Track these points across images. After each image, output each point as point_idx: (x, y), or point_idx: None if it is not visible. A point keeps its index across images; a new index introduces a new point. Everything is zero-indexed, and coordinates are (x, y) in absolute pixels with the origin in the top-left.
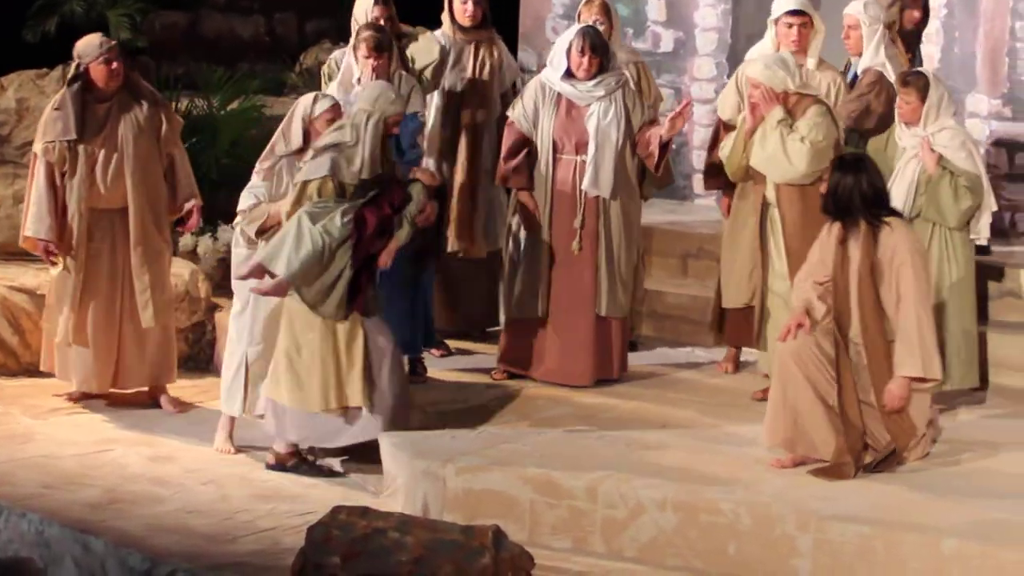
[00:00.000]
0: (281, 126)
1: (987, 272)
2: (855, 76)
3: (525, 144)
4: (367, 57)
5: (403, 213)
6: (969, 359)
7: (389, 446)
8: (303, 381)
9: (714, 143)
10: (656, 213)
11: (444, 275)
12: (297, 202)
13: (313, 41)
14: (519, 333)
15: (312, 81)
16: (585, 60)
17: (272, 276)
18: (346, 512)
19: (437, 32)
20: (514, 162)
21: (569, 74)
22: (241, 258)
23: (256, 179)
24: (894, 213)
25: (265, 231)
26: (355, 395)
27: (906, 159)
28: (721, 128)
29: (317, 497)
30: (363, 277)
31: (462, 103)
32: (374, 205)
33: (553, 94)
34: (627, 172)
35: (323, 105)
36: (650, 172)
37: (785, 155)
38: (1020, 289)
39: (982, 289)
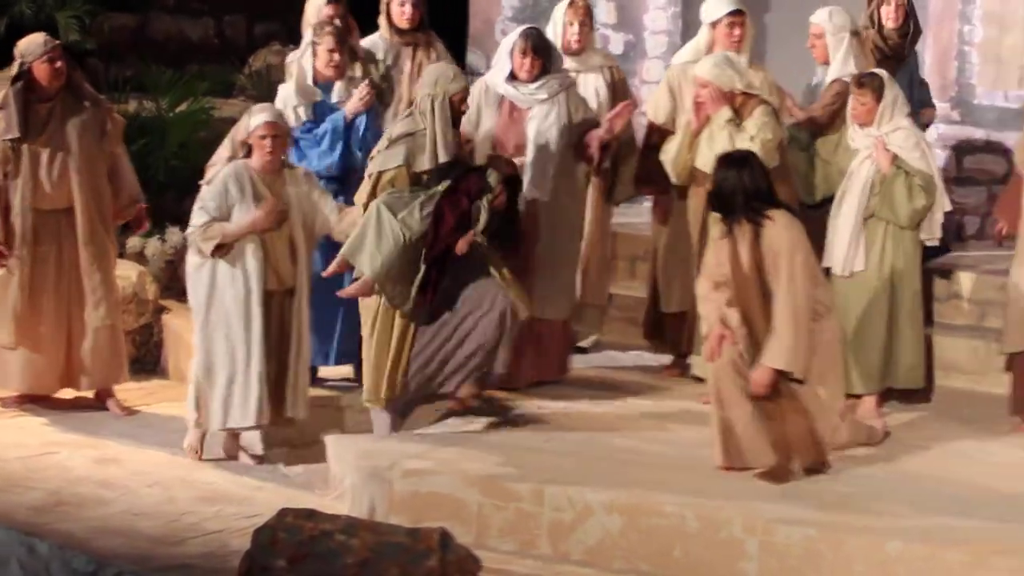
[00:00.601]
0: (231, 131)
1: (933, 275)
2: (818, 84)
3: (467, 145)
4: (332, 51)
5: (480, 203)
6: (916, 360)
7: (335, 448)
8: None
9: (644, 147)
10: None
11: None
12: (372, 194)
13: (262, 43)
14: None
15: (261, 83)
16: (527, 62)
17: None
18: (292, 515)
19: (374, 35)
20: None
21: (513, 76)
22: (195, 265)
23: (205, 191)
24: (780, 207)
25: (222, 247)
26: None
27: (860, 160)
28: (653, 131)
29: (263, 499)
30: (435, 271)
31: (397, 104)
32: (452, 197)
33: (496, 96)
34: (570, 175)
35: (257, 120)
36: (622, 176)
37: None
38: (965, 292)
39: (928, 291)
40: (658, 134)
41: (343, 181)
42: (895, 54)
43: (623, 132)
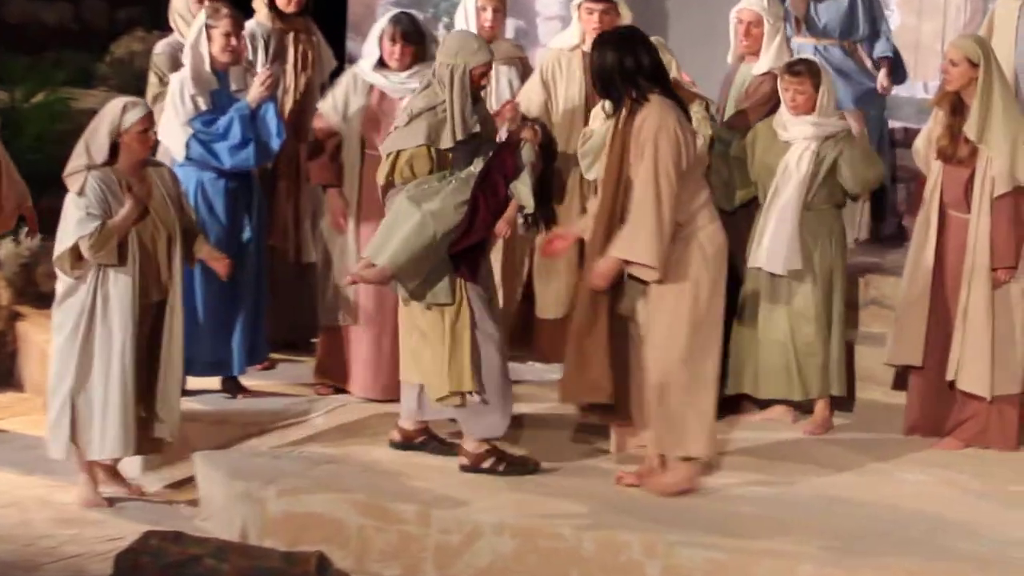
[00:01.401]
0: (84, 135)
1: (850, 279)
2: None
3: (333, 137)
4: (228, 35)
5: (517, 183)
6: (841, 366)
7: (204, 466)
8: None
9: None
10: None
11: (268, 280)
12: (391, 173)
13: (124, 29)
14: (332, 343)
15: (123, 71)
16: (397, 49)
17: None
18: (158, 537)
19: (251, 21)
20: (320, 157)
21: (383, 64)
22: (68, 287)
23: (80, 200)
24: (666, 91)
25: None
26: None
27: (798, 153)
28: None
29: (126, 521)
30: (465, 266)
31: (283, 96)
32: (488, 182)
33: (365, 85)
34: None
35: (134, 116)
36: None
37: None
38: (884, 297)
39: (848, 297)
40: (529, 130)
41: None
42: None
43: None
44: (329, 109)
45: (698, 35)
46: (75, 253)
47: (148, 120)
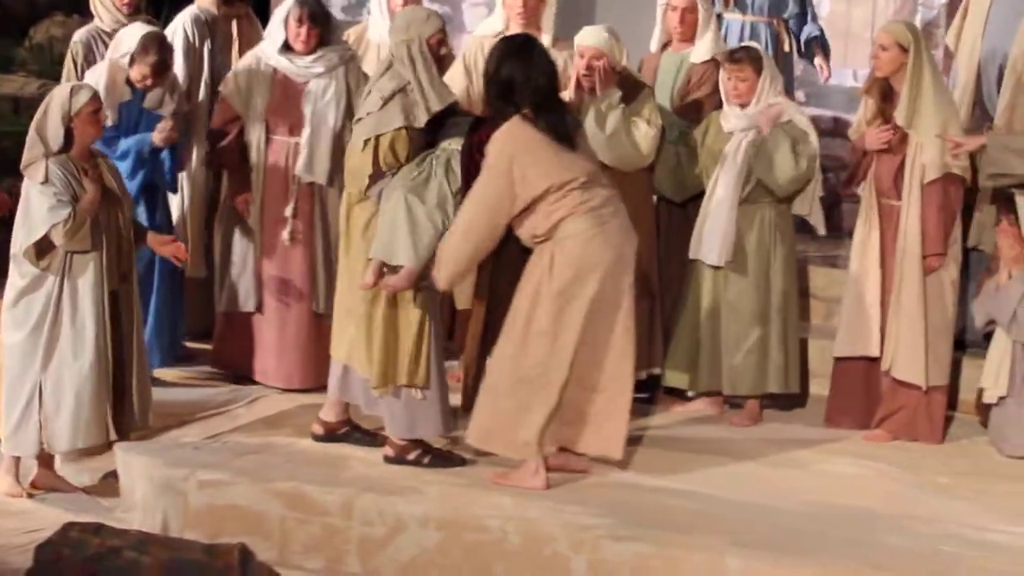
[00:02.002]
0: (34, 124)
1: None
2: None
3: (236, 122)
4: (146, 76)
5: None
6: (794, 362)
7: (124, 457)
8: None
9: None
10: None
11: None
12: (376, 160)
13: (44, 13)
14: (232, 329)
15: (43, 57)
16: (303, 31)
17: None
18: (78, 529)
19: (193, 7)
20: (224, 142)
21: (288, 48)
22: (17, 290)
23: (45, 188)
24: (540, 110)
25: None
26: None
27: (736, 143)
28: None
29: (45, 512)
30: None
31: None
32: (474, 165)
33: (269, 69)
34: None
35: (83, 97)
36: None
37: (629, 139)
38: (812, 288)
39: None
40: None
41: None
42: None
43: None
44: (232, 93)
45: (624, 22)
46: (41, 244)
47: (97, 100)
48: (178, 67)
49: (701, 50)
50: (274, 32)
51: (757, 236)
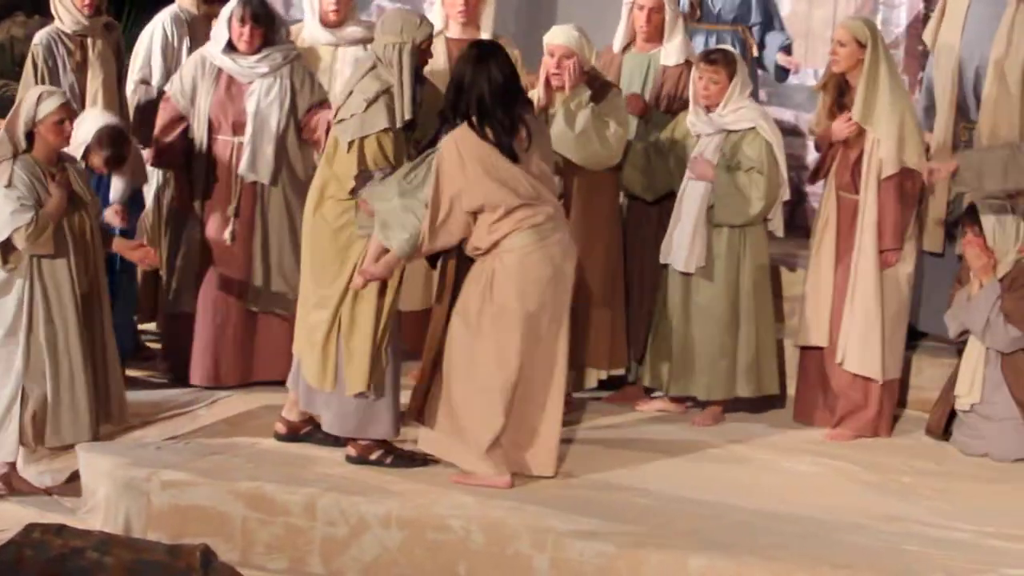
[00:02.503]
0: (5, 124)
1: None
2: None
3: (180, 122)
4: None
5: None
6: (769, 365)
7: (87, 457)
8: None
9: None
10: None
11: (153, 273)
12: (361, 162)
13: (5, 14)
14: (176, 329)
15: (4, 56)
16: (246, 31)
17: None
18: (40, 530)
19: (173, 6)
20: (167, 141)
21: (233, 48)
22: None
23: (8, 191)
24: (487, 116)
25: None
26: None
27: (703, 147)
28: None
29: (8, 514)
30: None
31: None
32: None
33: (214, 69)
34: (292, 158)
35: (49, 106)
36: None
37: (598, 138)
38: (779, 290)
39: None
40: None
41: None
42: None
43: None
44: (176, 93)
45: (586, 21)
46: (6, 246)
47: (64, 110)
48: (156, 65)
49: (672, 53)
50: (219, 32)
51: (727, 240)
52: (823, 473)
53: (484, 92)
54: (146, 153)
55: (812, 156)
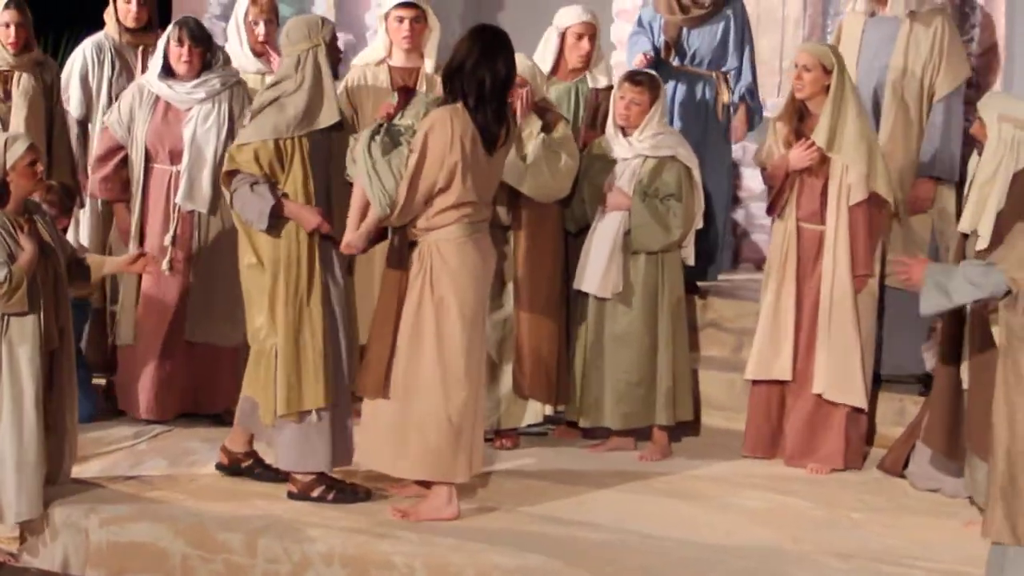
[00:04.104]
0: None
1: (688, 301)
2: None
3: (118, 151)
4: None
5: None
6: (684, 392)
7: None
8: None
9: None
10: None
11: (99, 323)
12: (228, 173)
13: None
14: (124, 364)
15: None
16: (184, 51)
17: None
18: None
19: (99, 34)
20: (104, 171)
21: (169, 74)
22: None
23: None
24: (483, 107)
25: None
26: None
27: (619, 173)
28: None
29: None
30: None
31: None
32: None
33: (151, 96)
34: None
35: (19, 149)
36: None
37: (549, 170)
38: (722, 320)
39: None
40: None
41: None
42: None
43: None
44: (114, 122)
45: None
46: None
47: (33, 151)
48: (74, 93)
49: (602, 75)
50: (155, 59)
51: (644, 267)
52: (773, 508)
53: (486, 79)
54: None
55: (759, 187)
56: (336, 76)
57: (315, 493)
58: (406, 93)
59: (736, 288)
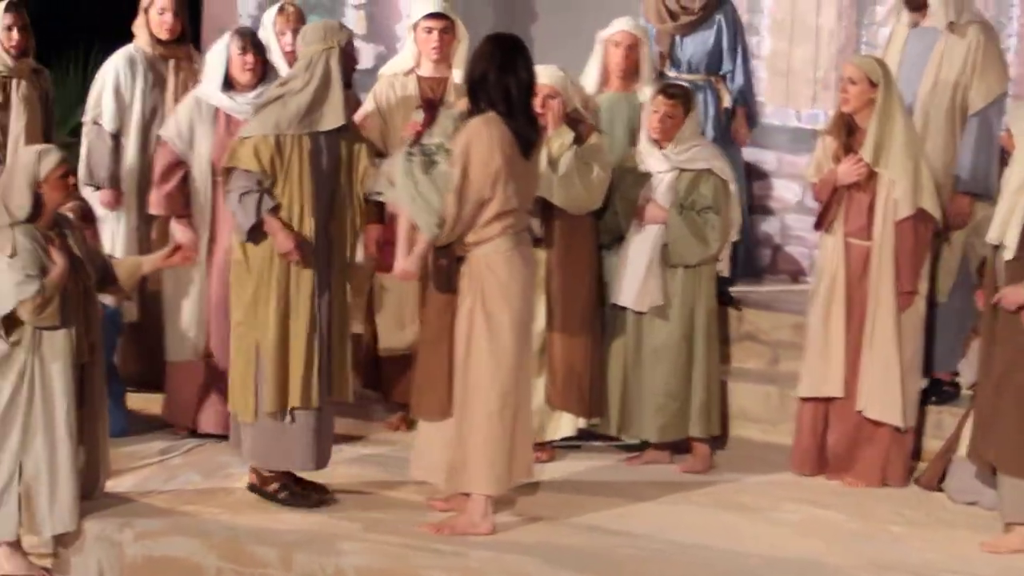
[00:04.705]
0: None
1: (724, 313)
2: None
3: (180, 167)
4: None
5: None
6: (716, 406)
7: None
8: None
9: None
10: None
11: (132, 336)
12: (231, 159)
13: None
14: (181, 379)
15: None
16: (249, 59)
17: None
18: None
19: (130, 46)
20: (168, 187)
21: (228, 86)
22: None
23: (12, 261)
24: (512, 113)
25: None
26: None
27: (655, 187)
28: None
29: None
30: None
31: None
32: None
33: (211, 109)
34: None
35: (51, 161)
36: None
37: (581, 182)
38: (758, 332)
39: (720, 332)
40: None
41: None
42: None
43: None
44: (173, 137)
45: (559, 38)
46: (9, 317)
47: (65, 163)
48: (107, 106)
49: (651, 88)
50: (212, 71)
51: (682, 280)
52: (811, 521)
53: (511, 86)
54: (100, 194)
55: (794, 198)
56: (349, 84)
57: (270, 488)
58: (431, 108)
59: (772, 300)
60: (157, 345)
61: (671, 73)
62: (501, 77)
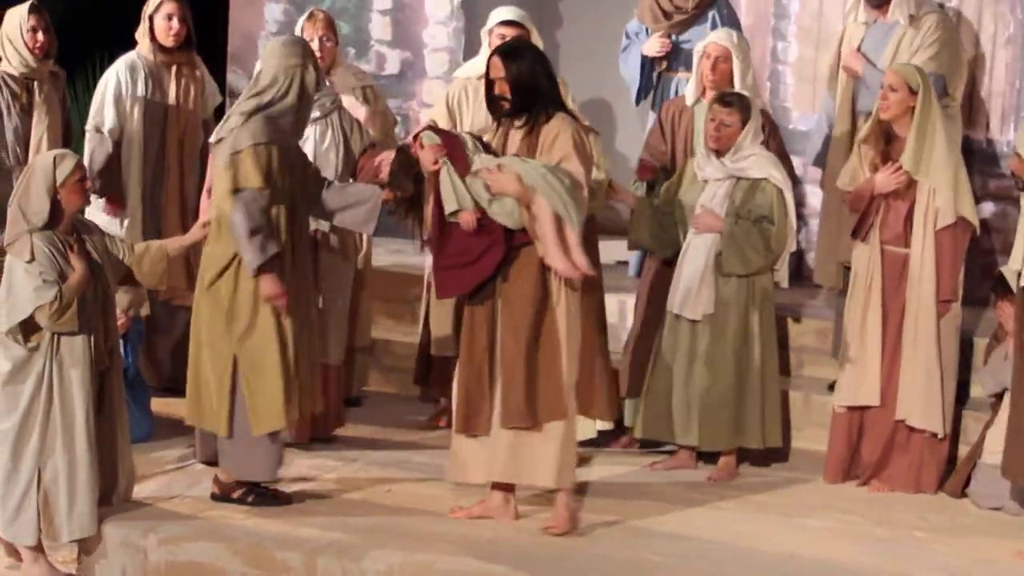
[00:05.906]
0: (16, 198)
1: (782, 322)
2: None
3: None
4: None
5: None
6: (773, 417)
7: None
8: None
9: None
10: (380, 254)
11: (147, 323)
12: (234, 179)
13: None
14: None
15: None
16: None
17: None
18: None
19: (132, 53)
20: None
21: None
22: (3, 374)
23: (30, 267)
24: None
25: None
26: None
27: (711, 192)
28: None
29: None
30: None
31: (166, 131)
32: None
33: None
34: None
35: (68, 166)
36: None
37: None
38: (782, 338)
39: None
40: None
41: None
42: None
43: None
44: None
45: (584, 44)
46: (28, 322)
47: (83, 168)
48: (108, 113)
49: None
50: None
51: (736, 289)
52: (836, 526)
53: (552, 88)
54: (103, 201)
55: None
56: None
57: (236, 495)
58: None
59: (796, 305)
60: (181, 349)
61: (670, 73)
62: (549, 84)
